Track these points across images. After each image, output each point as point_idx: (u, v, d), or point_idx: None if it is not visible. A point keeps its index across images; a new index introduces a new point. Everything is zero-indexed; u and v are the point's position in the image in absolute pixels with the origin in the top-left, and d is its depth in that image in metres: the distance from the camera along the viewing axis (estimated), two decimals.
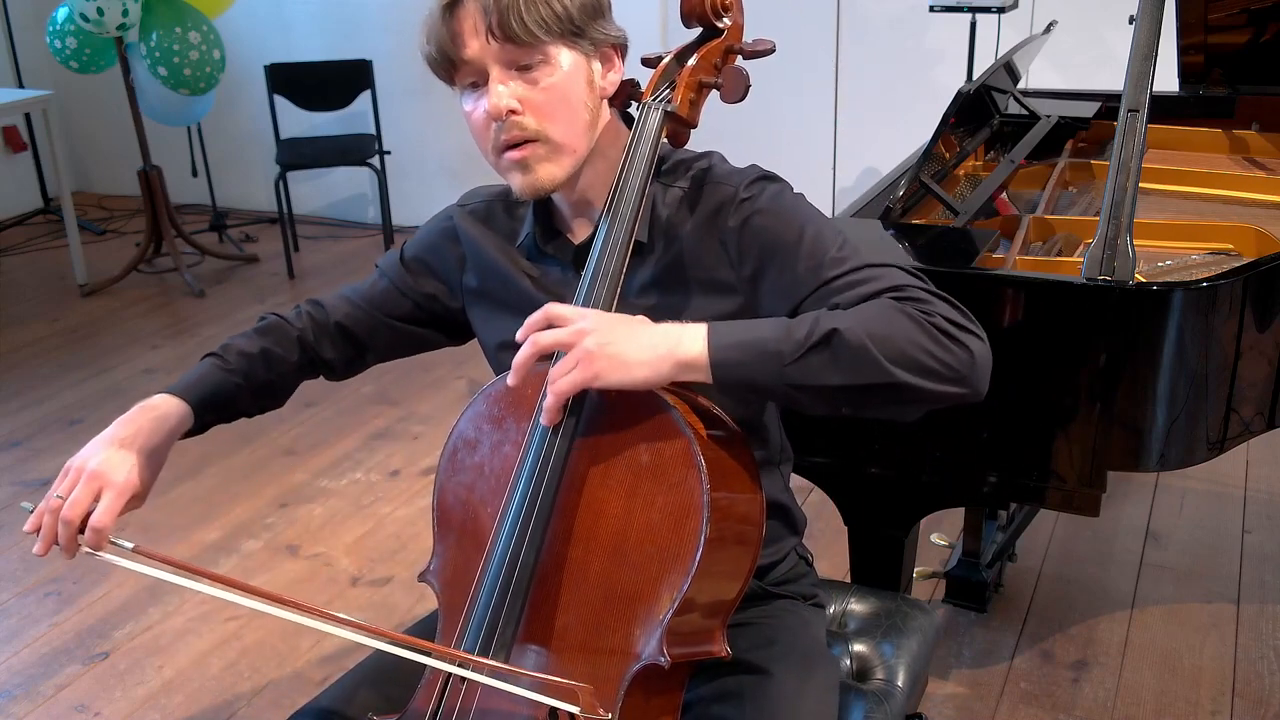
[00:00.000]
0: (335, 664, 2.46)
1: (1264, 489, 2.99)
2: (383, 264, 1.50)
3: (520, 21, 1.15)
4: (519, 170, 1.22)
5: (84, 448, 1.26)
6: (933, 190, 2.17)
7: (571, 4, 1.18)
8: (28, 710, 2.37)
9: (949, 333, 1.10)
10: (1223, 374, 1.79)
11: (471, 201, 1.45)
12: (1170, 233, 2.17)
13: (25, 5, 5.82)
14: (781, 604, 1.42)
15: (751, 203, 1.24)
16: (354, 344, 1.49)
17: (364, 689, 1.35)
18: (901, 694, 1.49)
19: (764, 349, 1.10)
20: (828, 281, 1.18)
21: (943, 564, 2.61)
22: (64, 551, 1.19)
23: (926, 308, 1.11)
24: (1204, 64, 2.71)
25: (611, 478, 1.14)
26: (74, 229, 4.87)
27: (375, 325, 1.48)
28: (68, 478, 1.22)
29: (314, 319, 1.48)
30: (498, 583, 1.14)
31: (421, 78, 1.30)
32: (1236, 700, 2.24)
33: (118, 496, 1.21)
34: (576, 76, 1.21)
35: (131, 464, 1.24)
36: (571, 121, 1.22)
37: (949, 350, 1.09)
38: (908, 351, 1.08)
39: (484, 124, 1.22)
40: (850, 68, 4.47)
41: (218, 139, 5.58)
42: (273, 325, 1.48)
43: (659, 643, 1.09)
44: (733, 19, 1.27)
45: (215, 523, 3.05)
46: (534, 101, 1.19)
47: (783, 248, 1.22)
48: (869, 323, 1.09)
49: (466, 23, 1.17)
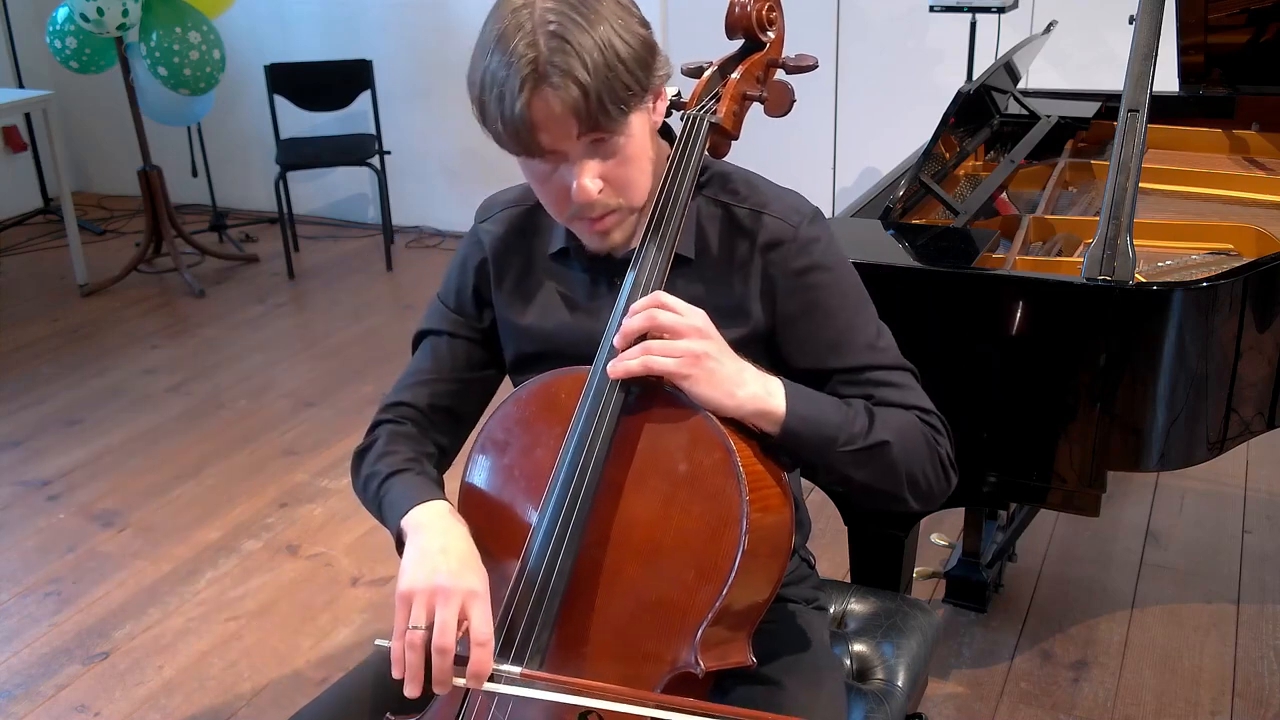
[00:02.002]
0: (335, 664, 2.46)
1: (1264, 489, 2.99)
2: (430, 325, 1.40)
3: (607, 113, 1.10)
4: (598, 237, 1.22)
5: (406, 576, 1.13)
6: (933, 190, 2.17)
7: (636, 66, 1.12)
8: (28, 710, 2.37)
9: (945, 466, 1.26)
10: (1223, 374, 1.79)
11: (492, 214, 1.39)
12: (1170, 233, 2.17)
13: (25, 5, 5.82)
14: (785, 608, 1.42)
15: (811, 251, 1.25)
16: (454, 419, 1.39)
17: (366, 689, 1.35)
18: (901, 694, 1.49)
19: (824, 432, 1.17)
20: (868, 369, 1.25)
21: (943, 564, 2.61)
22: (439, 687, 1.09)
23: (940, 440, 1.25)
24: (1204, 64, 2.70)
25: (648, 485, 1.14)
26: (74, 229, 4.87)
27: (460, 389, 1.39)
28: (416, 606, 1.10)
29: (411, 420, 1.37)
30: (534, 587, 1.13)
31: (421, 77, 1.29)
32: (1236, 700, 2.24)
33: (485, 602, 1.11)
34: (644, 133, 1.19)
35: (471, 566, 1.14)
36: (644, 180, 1.21)
37: (940, 482, 1.25)
38: (919, 478, 1.23)
39: (560, 196, 1.19)
40: (850, 68, 4.47)
41: (218, 139, 5.58)
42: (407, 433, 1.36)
43: (694, 650, 1.10)
44: (776, 33, 1.27)
45: (215, 523, 3.05)
46: (614, 176, 1.17)
47: (835, 314, 1.26)
48: (906, 445, 1.21)
49: (548, 115, 1.10)
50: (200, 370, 4.07)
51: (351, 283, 4.93)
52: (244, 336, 4.40)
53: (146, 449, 3.46)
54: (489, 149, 1.20)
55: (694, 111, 1.23)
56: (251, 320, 4.56)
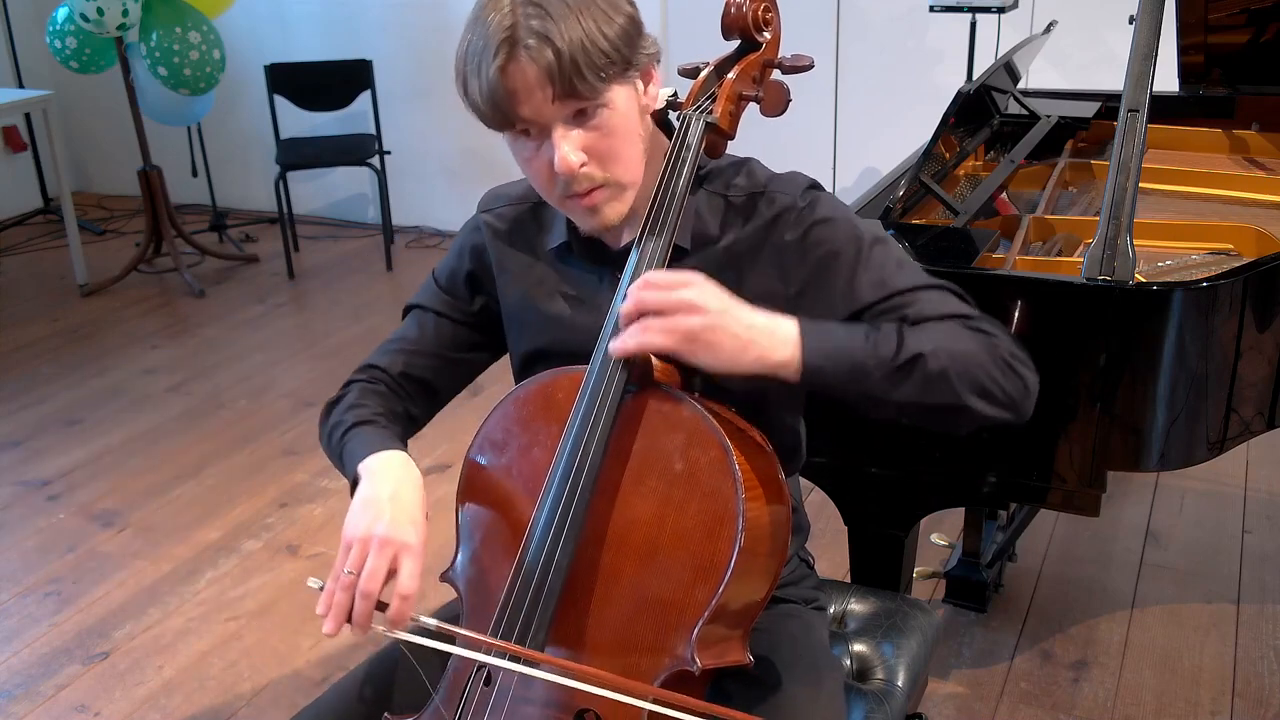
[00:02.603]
0: (335, 664, 2.46)
1: (1264, 489, 2.99)
2: (420, 301, 1.43)
3: (584, 78, 1.12)
4: (588, 214, 1.22)
5: (350, 520, 1.16)
6: (933, 190, 2.17)
7: (618, 37, 1.14)
8: (28, 710, 2.37)
9: (1011, 365, 1.18)
10: (1223, 374, 1.79)
11: (495, 207, 1.40)
12: (1170, 233, 2.17)
13: (25, 5, 5.82)
14: (784, 608, 1.42)
15: (811, 211, 1.25)
16: (428, 392, 1.42)
17: (368, 689, 1.35)
18: (901, 694, 1.49)
19: (853, 361, 1.13)
20: (893, 294, 1.21)
21: (943, 564, 2.61)
22: (357, 629, 1.11)
23: (995, 340, 1.19)
24: (1204, 64, 2.70)
25: (645, 484, 1.14)
26: (74, 229, 4.87)
27: (439, 365, 1.41)
28: (354, 551, 1.13)
29: (385, 383, 1.39)
30: (530, 585, 1.14)
31: (421, 77, 1.29)
32: (1236, 700, 2.24)
33: (418, 558, 1.13)
34: (630, 109, 1.20)
35: (414, 521, 1.16)
36: (632, 157, 1.21)
37: (1011, 380, 1.17)
38: (979, 379, 1.15)
39: (547, 173, 1.19)
40: (850, 68, 4.47)
41: (218, 139, 5.58)
42: (379, 391, 1.38)
43: (690, 648, 1.10)
44: (772, 33, 1.28)
45: (215, 523, 3.05)
46: (597, 149, 1.18)
47: (844, 257, 1.23)
48: (949, 348, 1.15)
49: (524, 82, 1.12)
50: (200, 370, 4.07)
51: (351, 283, 4.93)
52: (244, 336, 4.40)
53: (146, 449, 3.47)
54: (489, 149, 1.21)
55: (690, 111, 1.24)
56: (251, 320, 4.56)
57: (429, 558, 1.15)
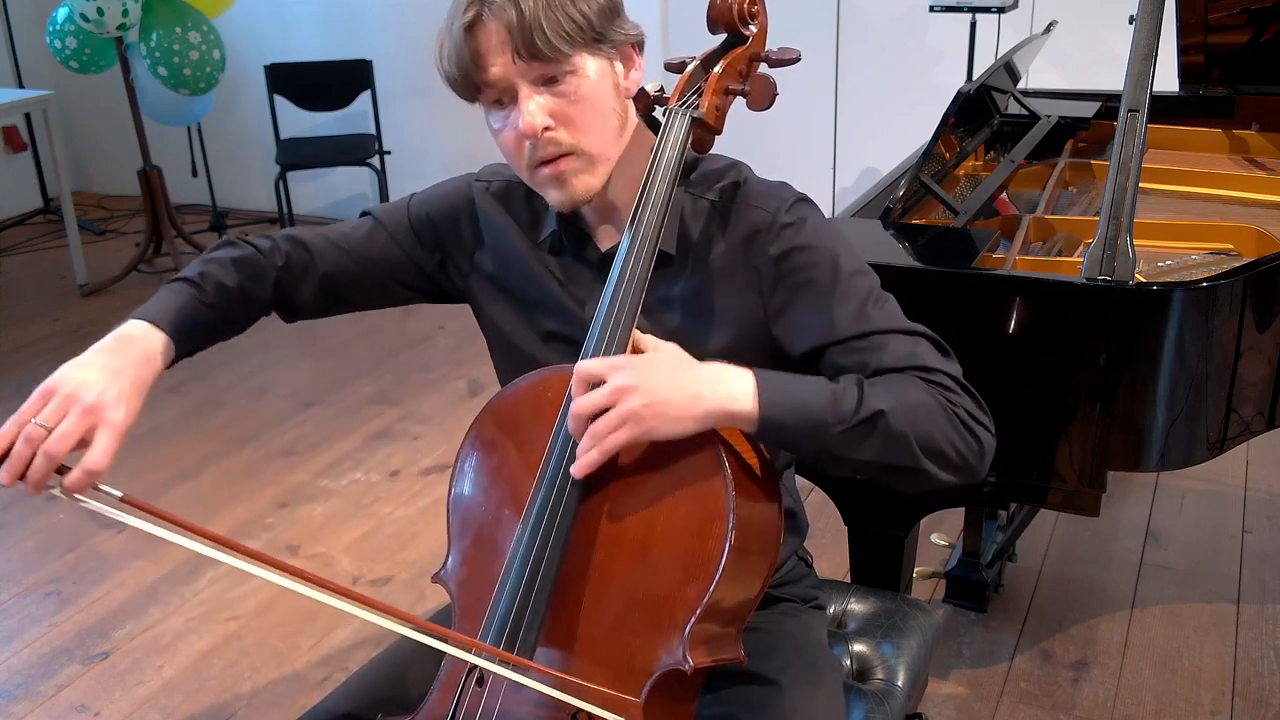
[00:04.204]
0: (335, 664, 2.46)
1: (1264, 489, 2.99)
2: (382, 217, 1.42)
3: (545, 38, 1.13)
4: (555, 185, 1.22)
5: (64, 370, 1.12)
6: (933, 190, 2.17)
7: (590, 10, 1.16)
8: (28, 710, 2.37)
9: (969, 426, 1.16)
10: (1223, 374, 1.79)
11: (493, 180, 1.40)
12: (1170, 233, 2.17)
13: (25, 5, 5.82)
14: (782, 607, 1.42)
15: (793, 233, 1.24)
16: (334, 294, 1.41)
17: (368, 690, 1.34)
18: (901, 694, 1.49)
19: (811, 416, 1.11)
20: (867, 334, 1.20)
21: (943, 564, 2.61)
22: (30, 487, 1.06)
23: (953, 397, 1.16)
24: (1204, 64, 2.70)
25: (635, 483, 1.14)
26: (74, 229, 4.87)
27: (366, 281, 1.40)
28: (52, 404, 1.09)
29: (294, 261, 1.38)
30: (520, 586, 1.13)
31: (421, 77, 1.29)
32: (1236, 700, 2.24)
33: (116, 437, 1.10)
34: (603, 82, 1.20)
35: (126, 401, 1.13)
36: (603, 130, 1.21)
37: (968, 443, 1.15)
38: (938, 443, 1.13)
39: (516, 142, 1.20)
40: (850, 68, 4.48)
41: (218, 139, 5.58)
42: (249, 259, 1.36)
43: (683, 648, 1.09)
44: (759, 26, 1.27)
45: (215, 523, 3.05)
46: (565, 115, 1.18)
47: (821, 288, 1.22)
48: (908, 409, 1.12)
49: (489, 42, 1.15)
50: (200, 370, 4.06)
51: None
52: (244, 336, 4.37)
53: (146, 449, 3.46)
54: (489, 149, 1.21)
55: (676, 106, 1.23)
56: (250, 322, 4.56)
57: (426, 558, 1.15)
